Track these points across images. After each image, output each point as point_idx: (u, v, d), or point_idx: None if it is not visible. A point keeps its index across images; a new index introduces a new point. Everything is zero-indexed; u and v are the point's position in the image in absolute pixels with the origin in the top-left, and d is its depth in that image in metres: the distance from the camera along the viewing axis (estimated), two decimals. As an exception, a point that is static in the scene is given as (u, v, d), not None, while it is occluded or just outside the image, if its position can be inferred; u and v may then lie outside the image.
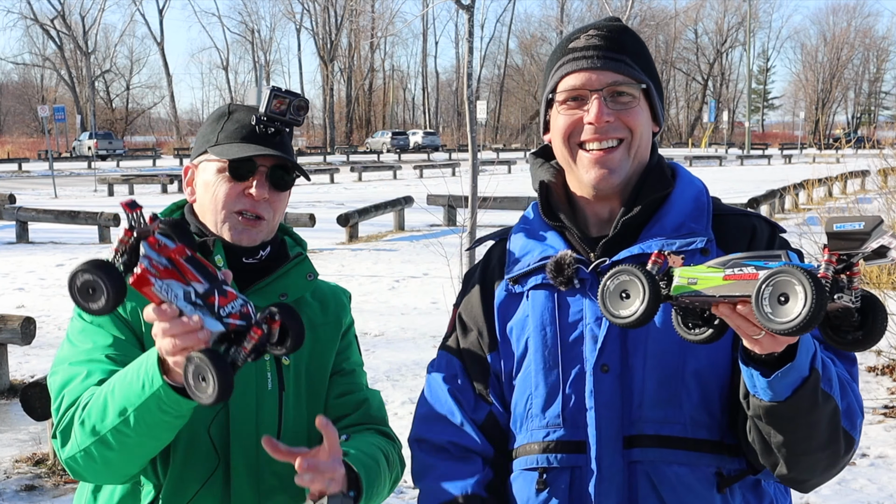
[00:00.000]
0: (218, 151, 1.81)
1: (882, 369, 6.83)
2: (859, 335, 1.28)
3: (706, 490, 1.56)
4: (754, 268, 1.28)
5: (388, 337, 8.05)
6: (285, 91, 1.78)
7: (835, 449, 1.49)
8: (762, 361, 1.38)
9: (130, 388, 1.54)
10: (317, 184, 28.46)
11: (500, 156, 43.29)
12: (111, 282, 1.36)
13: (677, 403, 1.57)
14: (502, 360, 1.72)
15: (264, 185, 1.81)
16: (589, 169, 1.65)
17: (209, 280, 1.40)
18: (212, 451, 1.77)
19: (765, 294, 1.22)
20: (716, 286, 1.31)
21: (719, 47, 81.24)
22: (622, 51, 1.66)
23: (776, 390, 1.38)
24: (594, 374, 1.60)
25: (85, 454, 1.62)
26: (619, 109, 1.64)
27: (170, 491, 1.75)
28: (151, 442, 1.60)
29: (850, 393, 1.53)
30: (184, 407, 1.52)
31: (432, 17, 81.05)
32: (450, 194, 15.10)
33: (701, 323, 1.41)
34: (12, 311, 8.45)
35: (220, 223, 1.82)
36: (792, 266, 1.21)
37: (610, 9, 18.11)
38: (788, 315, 1.19)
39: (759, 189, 20.73)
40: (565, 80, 1.66)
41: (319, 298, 1.97)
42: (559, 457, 1.62)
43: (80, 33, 62.97)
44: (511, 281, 1.72)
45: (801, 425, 1.43)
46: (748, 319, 1.30)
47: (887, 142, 12.99)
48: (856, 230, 1.20)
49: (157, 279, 1.36)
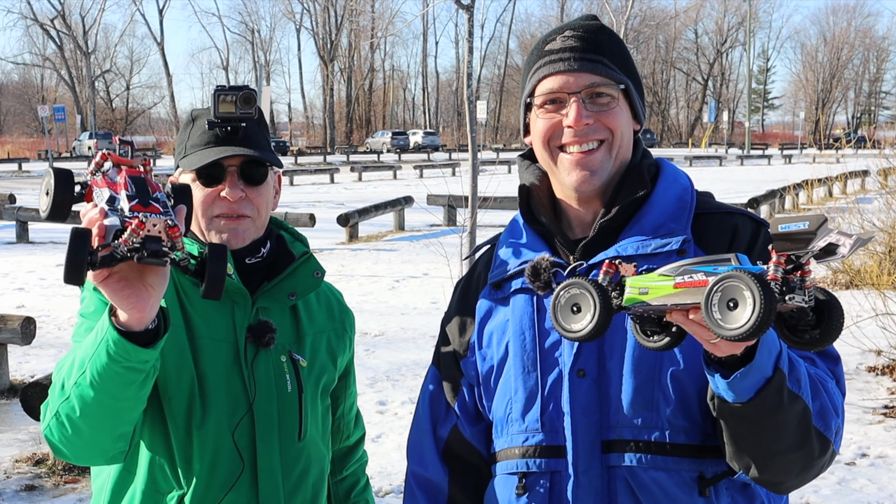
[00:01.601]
0: (186, 163, 1.82)
1: (882, 369, 6.83)
2: (816, 334, 1.26)
3: (686, 495, 1.54)
4: (703, 274, 1.26)
5: (388, 337, 8.05)
6: (229, 88, 1.78)
7: (807, 450, 1.47)
8: (724, 364, 1.37)
9: (89, 339, 1.54)
10: (317, 184, 28.47)
11: (500, 156, 43.20)
12: (58, 191, 1.45)
13: (655, 408, 1.56)
14: (478, 364, 1.73)
15: (237, 185, 1.81)
16: (570, 171, 1.65)
17: (139, 192, 1.44)
18: (236, 456, 1.76)
19: (714, 300, 1.21)
20: (666, 295, 1.30)
21: (719, 47, 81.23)
22: (599, 51, 1.64)
23: (738, 391, 1.37)
24: (570, 378, 1.59)
25: (56, 420, 1.60)
26: (599, 111, 1.62)
27: (196, 498, 1.74)
28: (109, 401, 1.54)
29: (824, 393, 1.50)
30: (132, 355, 1.48)
31: (432, 17, 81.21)
32: (450, 194, 15.10)
33: (658, 330, 1.40)
34: (12, 311, 8.44)
35: (206, 231, 1.83)
36: (739, 271, 1.19)
37: (610, 9, 18.11)
38: (738, 321, 1.18)
39: (760, 189, 20.72)
40: (543, 83, 1.65)
41: (324, 303, 1.99)
42: (538, 461, 1.62)
43: (80, 33, 62.92)
44: (493, 286, 1.73)
45: (767, 426, 1.41)
46: (700, 324, 1.29)
47: (887, 142, 13.00)
48: (800, 230, 1.18)
49: (97, 188, 1.47)
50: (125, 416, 1.60)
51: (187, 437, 1.75)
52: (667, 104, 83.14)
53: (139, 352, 1.48)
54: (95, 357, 1.50)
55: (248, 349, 1.79)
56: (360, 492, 2.14)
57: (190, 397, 1.75)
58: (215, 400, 1.76)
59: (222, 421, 1.75)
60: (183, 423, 1.75)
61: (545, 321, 1.64)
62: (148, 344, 1.50)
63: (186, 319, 1.77)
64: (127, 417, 1.61)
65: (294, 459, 1.84)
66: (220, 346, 1.78)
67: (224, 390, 1.77)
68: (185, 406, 1.75)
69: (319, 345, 1.93)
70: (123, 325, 1.47)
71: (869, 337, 6.73)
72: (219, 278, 1.44)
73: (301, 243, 1.99)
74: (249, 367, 1.79)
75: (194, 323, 1.78)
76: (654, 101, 79.13)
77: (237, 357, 1.79)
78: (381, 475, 4.67)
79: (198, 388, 1.75)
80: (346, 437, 2.11)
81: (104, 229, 1.37)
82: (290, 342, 1.86)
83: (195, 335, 1.77)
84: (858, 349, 6.73)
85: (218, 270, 1.44)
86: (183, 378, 1.74)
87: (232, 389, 1.78)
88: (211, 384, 1.76)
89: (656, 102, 79.92)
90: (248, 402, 1.78)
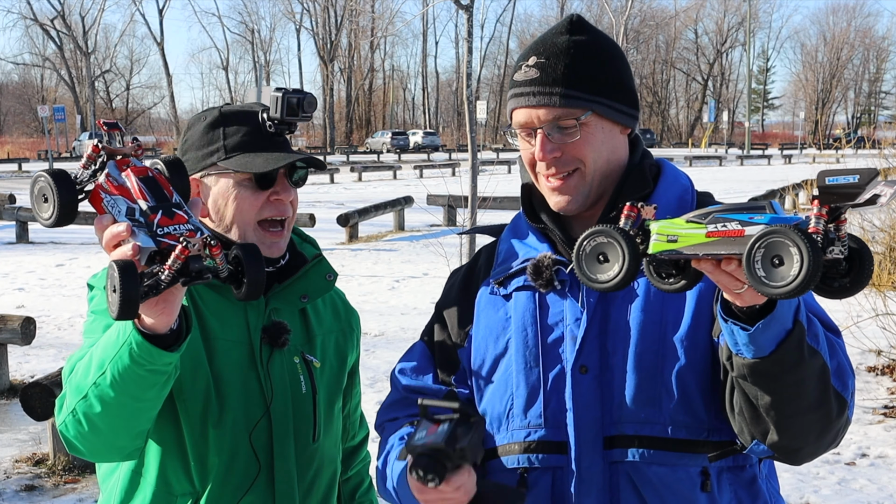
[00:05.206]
0: (237, 164, 1.76)
1: (882, 369, 6.83)
2: (846, 282, 1.23)
3: (689, 490, 1.55)
4: (738, 223, 1.22)
5: (388, 337, 8.05)
6: (293, 90, 1.75)
7: (826, 410, 1.45)
8: (742, 318, 1.35)
9: (109, 340, 1.52)
10: (317, 184, 28.46)
11: (500, 156, 43.24)
12: (61, 194, 1.40)
13: (657, 404, 1.57)
14: (472, 356, 1.73)
15: (288, 189, 1.80)
16: (549, 196, 1.67)
17: (158, 200, 1.40)
18: (252, 459, 1.76)
19: (756, 256, 1.17)
20: (698, 244, 1.25)
21: (719, 47, 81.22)
22: (558, 82, 1.61)
23: (759, 344, 1.34)
24: (573, 374, 1.60)
25: (73, 417, 1.58)
26: (565, 141, 1.62)
27: (212, 500, 1.74)
28: (130, 401, 1.53)
29: (840, 352, 1.49)
30: (156, 359, 1.46)
31: (432, 17, 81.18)
32: (450, 194, 15.10)
33: (674, 272, 1.36)
34: (12, 311, 8.45)
35: (248, 235, 1.78)
36: (784, 226, 1.16)
37: (610, 9, 18.11)
38: (784, 278, 1.15)
39: (759, 189, 20.73)
40: (515, 114, 1.67)
41: (329, 303, 1.99)
42: (540, 457, 1.62)
43: (80, 33, 62.89)
44: (496, 283, 1.73)
45: (788, 383, 1.39)
46: (731, 275, 1.27)
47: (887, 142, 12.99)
48: (850, 183, 1.15)
49: (107, 195, 1.41)
50: (145, 416, 1.60)
51: (202, 439, 1.73)
52: (667, 104, 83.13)
53: (163, 355, 1.47)
54: (117, 359, 1.48)
55: (263, 350, 1.78)
56: (364, 492, 2.14)
57: (206, 399, 1.73)
58: (232, 401, 1.75)
59: (239, 422, 1.75)
60: (199, 425, 1.73)
61: (547, 318, 1.65)
62: (171, 346, 1.48)
63: (200, 320, 1.76)
64: (146, 416, 1.60)
65: (308, 461, 1.84)
66: (235, 347, 1.77)
67: (240, 392, 1.76)
68: (200, 407, 1.73)
69: (329, 345, 1.92)
70: (147, 327, 1.45)
71: (869, 337, 6.74)
72: (259, 280, 1.42)
73: (310, 245, 1.99)
74: (265, 369, 1.78)
75: (209, 324, 1.76)
76: (654, 101, 79.14)
77: (252, 358, 1.78)
78: (381, 475, 4.67)
79: (214, 389, 1.74)
80: (352, 436, 2.11)
81: (137, 250, 1.35)
82: (302, 343, 1.86)
83: (209, 336, 1.76)
84: (858, 349, 6.73)
85: (257, 272, 1.42)
86: (199, 379, 1.73)
87: (248, 391, 1.76)
88: (227, 385, 1.75)
89: (656, 102, 79.93)
90: (264, 403, 1.77)
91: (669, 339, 1.58)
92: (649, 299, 1.60)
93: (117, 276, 1.29)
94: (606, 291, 1.33)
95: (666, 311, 1.59)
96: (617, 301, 1.62)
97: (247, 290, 1.42)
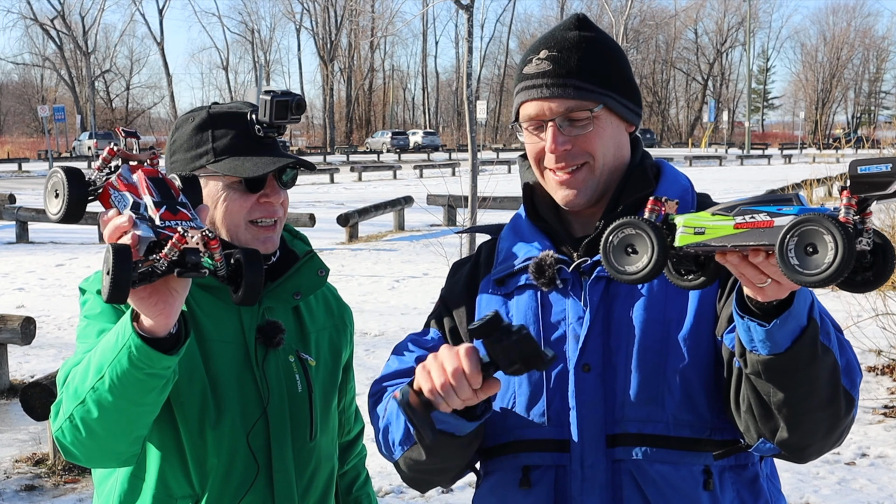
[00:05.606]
0: (226, 168, 1.75)
1: (882, 369, 6.84)
2: (869, 276, 1.23)
3: (691, 488, 1.55)
4: (767, 214, 1.22)
5: (388, 337, 8.04)
6: (282, 93, 1.75)
7: (836, 408, 1.46)
8: (757, 315, 1.35)
9: (108, 344, 1.52)
10: (317, 184, 28.47)
11: (500, 156, 43.20)
12: (72, 191, 1.43)
13: (660, 402, 1.57)
14: None
15: (278, 191, 1.81)
16: (556, 190, 1.68)
17: (164, 197, 1.43)
18: (251, 459, 1.76)
19: (790, 245, 1.17)
20: (726, 235, 1.25)
21: (719, 47, 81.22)
22: (572, 74, 1.63)
23: (775, 340, 1.35)
24: (576, 373, 1.60)
25: (70, 423, 1.57)
26: (576, 134, 1.63)
27: (212, 502, 1.73)
28: (128, 406, 1.52)
29: (849, 350, 1.50)
30: (155, 362, 1.46)
31: (432, 17, 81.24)
32: (450, 194, 15.11)
33: (695, 269, 1.36)
34: (12, 311, 8.44)
35: (235, 234, 1.78)
36: (818, 214, 1.15)
37: (609, 9, 18.11)
38: (819, 266, 1.14)
39: (759, 189, 20.72)
40: (523, 107, 1.67)
41: (321, 300, 1.98)
42: (543, 455, 1.62)
43: (80, 33, 62.86)
44: (497, 282, 1.73)
45: (801, 380, 1.39)
46: (757, 268, 1.27)
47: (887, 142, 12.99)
48: (882, 172, 1.15)
49: (115, 191, 1.44)
50: (143, 420, 1.59)
51: (201, 441, 1.73)
52: (667, 104, 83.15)
53: (162, 358, 1.46)
54: (115, 363, 1.48)
55: (258, 350, 1.78)
56: (361, 486, 2.14)
57: (203, 401, 1.73)
58: (229, 403, 1.74)
59: (237, 424, 1.74)
60: (196, 427, 1.73)
61: (550, 316, 1.65)
62: (170, 349, 1.48)
63: (195, 322, 1.76)
64: (145, 421, 1.60)
65: (306, 459, 1.84)
66: (230, 348, 1.77)
67: (237, 393, 1.76)
68: (197, 409, 1.73)
69: (323, 342, 1.92)
70: (147, 330, 1.45)
71: (869, 337, 6.74)
72: (257, 285, 1.43)
73: (301, 241, 1.99)
74: (261, 369, 1.78)
75: (203, 325, 1.76)
76: (654, 101, 79.14)
77: (248, 359, 1.78)
78: (381, 475, 4.67)
79: (210, 391, 1.73)
80: (347, 431, 2.11)
81: (137, 240, 1.35)
82: (296, 342, 1.86)
83: (204, 337, 1.75)
84: (858, 349, 6.73)
85: (256, 277, 1.43)
86: (195, 382, 1.72)
87: (245, 392, 1.76)
88: (224, 387, 1.75)
89: (656, 102, 79.93)
90: (261, 404, 1.77)
91: (672, 337, 1.58)
92: (652, 298, 1.60)
93: (111, 257, 1.31)
94: (634, 283, 1.34)
95: (669, 309, 1.60)
96: (619, 299, 1.62)
97: (244, 294, 1.43)
